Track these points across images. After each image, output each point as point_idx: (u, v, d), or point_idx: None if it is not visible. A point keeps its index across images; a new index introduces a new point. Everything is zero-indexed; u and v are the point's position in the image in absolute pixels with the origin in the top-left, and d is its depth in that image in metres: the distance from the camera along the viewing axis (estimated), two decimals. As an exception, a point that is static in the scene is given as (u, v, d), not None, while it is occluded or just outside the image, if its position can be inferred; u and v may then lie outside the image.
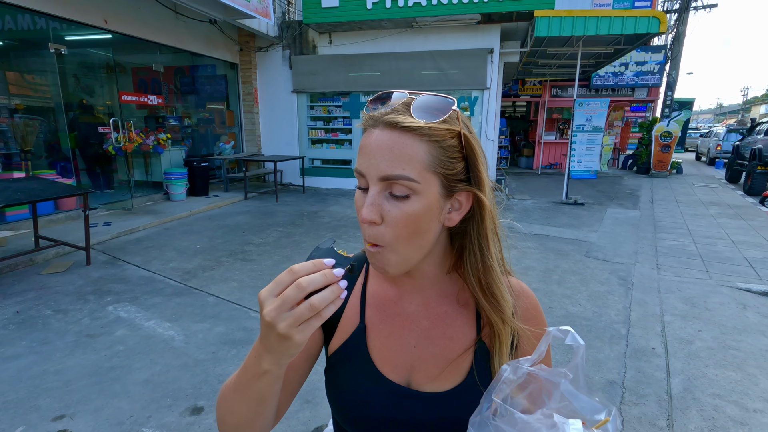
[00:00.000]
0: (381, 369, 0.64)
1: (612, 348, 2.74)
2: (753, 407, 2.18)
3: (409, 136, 0.53)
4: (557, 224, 5.98)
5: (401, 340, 0.65)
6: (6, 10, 5.04)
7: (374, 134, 0.54)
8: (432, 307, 0.65)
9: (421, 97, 0.55)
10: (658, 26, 6.28)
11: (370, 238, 0.56)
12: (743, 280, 3.98)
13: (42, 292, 3.43)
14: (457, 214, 0.59)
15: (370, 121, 0.56)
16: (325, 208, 6.97)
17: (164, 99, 7.57)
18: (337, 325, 0.68)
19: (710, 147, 16.65)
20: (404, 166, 0.52)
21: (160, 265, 4.10)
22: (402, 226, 0.54)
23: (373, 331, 0.66)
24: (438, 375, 0.62)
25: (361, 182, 0.57)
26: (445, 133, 0.54)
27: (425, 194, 0.54)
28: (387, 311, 0.67)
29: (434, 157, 0.54)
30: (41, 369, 2.40)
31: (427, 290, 0.66)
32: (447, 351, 0.63)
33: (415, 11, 7.54)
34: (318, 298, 0.44)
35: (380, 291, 0.68)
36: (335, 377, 0.66)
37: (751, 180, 9.02)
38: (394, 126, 0.53)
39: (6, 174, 5.04)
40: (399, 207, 0.54)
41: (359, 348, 0.65)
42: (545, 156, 13.76)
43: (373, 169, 0.54)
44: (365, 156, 0.55)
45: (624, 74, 12.74)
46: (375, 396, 0.63)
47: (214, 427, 1.98)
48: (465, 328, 0.64)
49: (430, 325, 0.65)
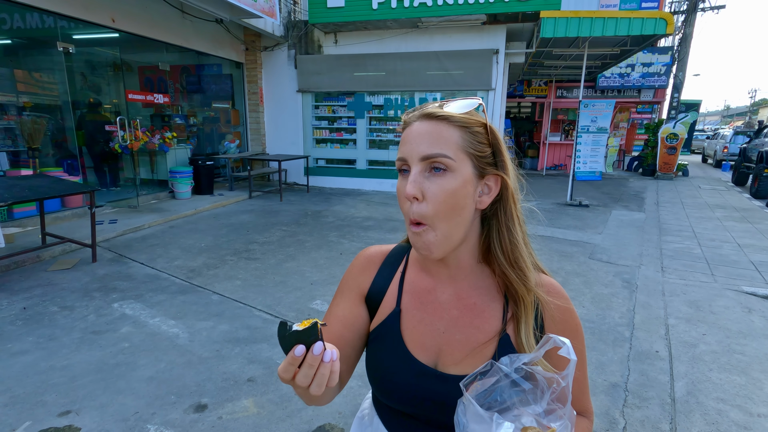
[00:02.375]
0: (411, 350, 0.70)
1: (615, 351, 2.73)
2: (757, 412, 2.17)
3: (444, 124, 0.63)
4: (561, 226, 5.96)
5: (431, 326, 0.71)
6: (15, 9, 5.09)
7: (414, 126, 0.64)
8: (463, 298, 0.71)
9: (451, 100, 0.66)
10: (665, 27, 6.25)
11: (414, 215, 0.62)
12: (749, 283, 3.95)
13: (48, 289, 3.46)
14: (487, 197, 0.66)
15: (409, 118, 0.66)
16: (329, 207, 6.98)
17: (170, 98, 7.62)
18: (379, 306, 0.75)
19: (717, 149, 16.52)
20: (441, 146, 0.61)
21: (165, 263, 4.13)
22: (441, 201, 0.61)
23: (407, 316, 0.72)
24: (462, 359, 0.68)
25: (403, 168, 0.65)
26: (473, 122, 0.64)
27: (460, 172, 0.62)
28: (421, 299, 0.73)
29: (466, 141, 0.63)
30: (48, 365, 2.43)
31: (460, 281, 0.72)
32: (473, 339, 0.68)
33: (421, 11, 7.54)
34: (308, 382, 0.51)
35: (417, 279, 0.75)
36: (372, 353, 0.74)
37: (758, 183, 8.95)
38: (431, 116, 0.63)
39: (14, 171, 5.09)
40: (438, 183, 0.61)
41: (393, 329, 0.72)
42: (550, 157, 13.71)
43: (414, 152, 0.62)
44: (407, 144, 0.64)
45: (630, 75, 12.68)
46: (404, 374, 0.69)
47: (218, 424, 1.99)
48: (491, 320, 0.69)
49: (459, 314, 0.70)
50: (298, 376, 0.51)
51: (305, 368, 0.50)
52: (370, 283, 0.77)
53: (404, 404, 0.70)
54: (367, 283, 0.77)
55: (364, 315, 0.76)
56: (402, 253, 0.79)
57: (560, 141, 13.46)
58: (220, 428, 1.97)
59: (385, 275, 0.77)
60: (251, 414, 2.06)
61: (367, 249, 0.82)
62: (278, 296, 3.42)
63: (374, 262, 0.79)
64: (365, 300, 0.77)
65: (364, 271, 0.79)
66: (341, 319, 0.74)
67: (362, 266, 0.79)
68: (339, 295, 0.79)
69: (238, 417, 2.04)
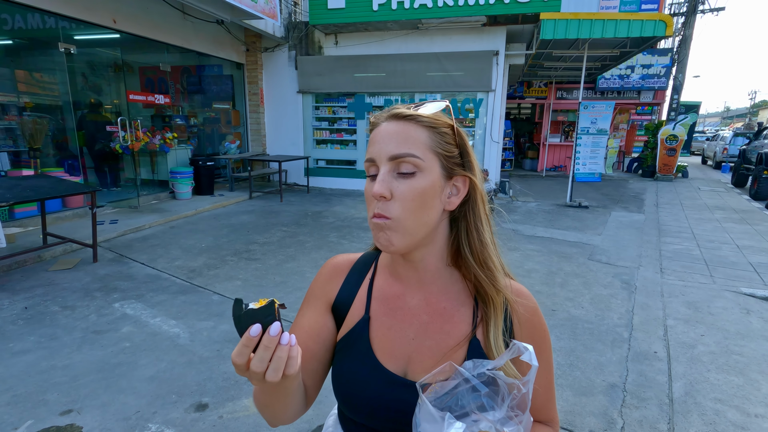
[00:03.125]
0: (380, 358, 0.68)
1: (614, 351, 2.74)
2: (755, 412, 2.19)
3: (411, 124, 0.63)
4: (561, 227, 5.98)
5: (401, 333, 0.70)
6: (17, 10, 5.11)
7: (382, 126, 0.64)
8: (432, 303, 0.70)
9: (420, 104, 0.66)
10: (665, 30, 6.27)
11: (378, 210, 0.62)
12: (747, 285, 3.97)
13: (50, 289, 3.47)
14: (456, 198, 0.66)
15: (377, 119, 0.66)
16: (329, 208, 6.99)
17: (171, 98, 7.63)
18: (346, 315, 0.73)
19: (716, 151, 16.53)
20: (409, 146, 0.61)
21: (166, 263, 4.14)
22: (409, 200, 0.61)
23: (376, 323, 0.71)
24: (432, 366, 0.66)
25: (371, 170, 0.64)
26: (440, 122, 0.64)
27: (429, 172, 0.62)
28: (390, 305, 0.71)
29: (434, 141, 0.63)
30: (49, 364, 2.44)
31: (429, 286, 0.70)
32: (443, 344, 0.67)
33: (421, 13, 7.56)
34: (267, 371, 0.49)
35: (386, 286, 0.73)
36: (339, 363, 0.71)
37: (758, 184, 8.96)
38: (398, 117, 0.64)
39: (15, 171, 5.11)
40: (406, 183, 0.61)
41: (362, 337, 0.70)
42: (550, 158, 13.73)
43: (383, 152, 0.62)
44: (375, 144, 0.63)
45: (630, 77, 12.70)
46: (372, 383, 0.67)
47: (219, 423, 2.01)
48: (461, 325, 0.68)
49: (429, 319, 0.69)
50: (253, 361, 0.47)
51: (261, 351, 0.47)
52: (337, 291, 0.75)
53: (372, 418, 0.67)
54: (334, 291, 0.75)
55: (330, 325, 0.73)
56: (370, 261, 0.78)
57: (560, 142, 13.48)
58: (221, 427, 1.98)
59: (352, 283, 0.75)
60: (252, 413, 2.08)
61: (334, 257, 0.80)
62: (279, 297, 3.43)
63: (341, 270, 0.77)
64: (332, 309, 0.75)
65: (331, 279, 0.77)
66: (307, 329, 0.72)
67: (329, 275, 0.77)
68: (305, 305, 0.76)
69: (239, 416, 2.05)
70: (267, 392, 0.58)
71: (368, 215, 0.64)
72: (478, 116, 8.30)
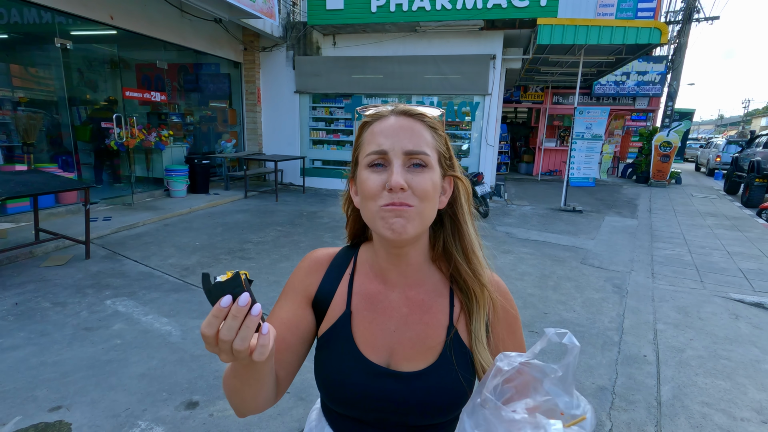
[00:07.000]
0: (363, 351, 0.70)
1: (604, 354, 2.77)
2: (741, 416, 2.21)
3: (419, 122, 0.66)
4: (555, 231, 6.01)
5: (382, 326, 0.72)
6: (13, 4, 5.09)
7: (391, 119, 0.66)
8: (411, 296, 0.73)
9: (417, 105, 0.69)
10: (659, 37, 6.33)
11: (399, 199, 0.62)
12: (737, 290, 4.01)
13: (41, 285, 3.45)
14: (445, 197, 0.70)
15: (380, 112, 0.68)
16: (324, 208, 7.00)
17: (167, 96, 7.61)
18: (327, 310, 0.74)
19: (710, 158, 16.71)
20: (422, 144, 0.65)
21: (159, 261, 4.13)
22: (423, 191, 0.63)
23: (358, 317, 0.72)
24: (414, 356, 0.69)
25: (376, 161, 0.65)
26: (439, 126, 0.69)
27: (435, 169, 0.66)
28: (372, 299, 0.73)
29: (435, 141, 0.67)
30: (39, 360, 2.43)
31: (408, 280, 0.73)
32: (423, 335, 0.70)
33: (419, 16, 7.59)
34: (234, 340, 0.48)
35: (366, 281, 0.75)
36: (322, 357, 0.73)
37: (749, 192, 9.07)
38: (408, 113, 0.67)
39: (8, 166, 5.07)
40: (420, 176, 0.64)
41: (344, 331, 0.72)
42: (545, 162, 13.81)
43: (398, 145, 0.64)
44: (386, 137, 0.65)
45: (625, 83, 12.81)
46: (355, 375, 0.69)
47: (209, 421, 2.01)
48: (439, 315, 0.72)
49: (409, 312, 0.72)
50: (222, 330, 0.47)
51: (229, 320, 0.47)
52: (317, 285, 0.76)
53: (358, 409, 0.69)
54: (314, 285, 0.76)
55: (309, 318, 0.74)
56: (348, 256, 0.79)
57: (555, 147, 13.57)
58: (211, 425, 1.98)
59: (332, 278, 0.76)
60: (242, 412, 2.07)
61: (314, 251, 0.81)
62: (272, 296, 3.43)
63: (322, 265, 0.78)
64: (312, 303, 0.75)
65: (312, 273, 0.77)
66: (285, 321, 0.72)
67: (309, 268, 0.78)
68: (283, 297, 0.76)
69: (229, 414, 2.05)
70: (237, 375, 0.58)
71: (371, 206, 0.64)
72: (474, 119, 8.34)
